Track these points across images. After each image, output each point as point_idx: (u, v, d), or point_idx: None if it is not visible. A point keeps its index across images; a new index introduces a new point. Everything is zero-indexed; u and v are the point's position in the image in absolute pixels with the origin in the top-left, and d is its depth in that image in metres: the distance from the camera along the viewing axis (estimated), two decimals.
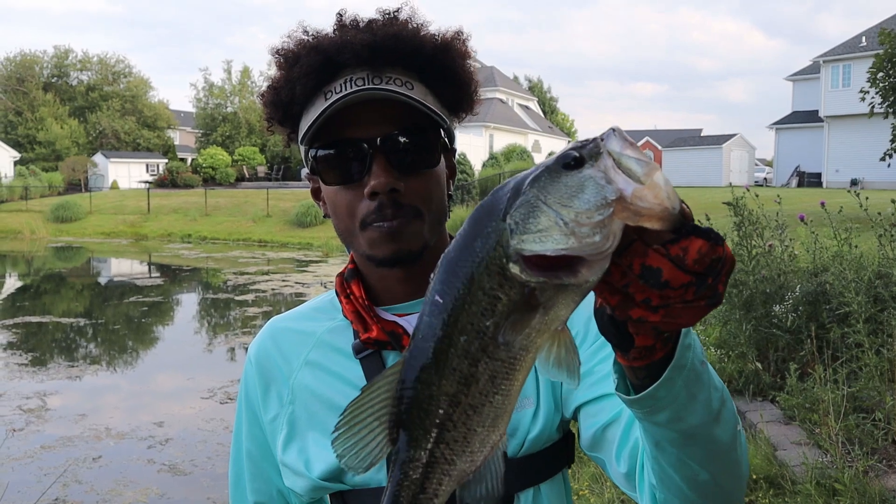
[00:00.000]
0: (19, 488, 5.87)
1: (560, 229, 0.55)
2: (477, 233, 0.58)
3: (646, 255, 0.57)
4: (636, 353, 0.67)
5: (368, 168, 1.01)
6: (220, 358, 11.33)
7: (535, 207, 0.56)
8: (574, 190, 0.55)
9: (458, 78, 1.08)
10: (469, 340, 0.58)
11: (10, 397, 8.61)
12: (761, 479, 4.28)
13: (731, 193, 6.26)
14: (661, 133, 65.16)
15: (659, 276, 0.57)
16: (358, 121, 1.01)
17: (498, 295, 0.57)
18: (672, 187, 0.55)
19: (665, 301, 0.58)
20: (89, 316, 15.20)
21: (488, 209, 0.59)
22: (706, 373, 0.75)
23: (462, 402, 0.59)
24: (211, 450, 6.90)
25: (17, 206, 40.23)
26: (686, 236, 0.57)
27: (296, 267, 22.39)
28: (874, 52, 19.61)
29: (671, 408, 0.72)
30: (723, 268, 0.59)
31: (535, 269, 0.56)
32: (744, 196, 6.31)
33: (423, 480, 0.62)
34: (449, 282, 0.58)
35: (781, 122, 42.64)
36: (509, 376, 0.59)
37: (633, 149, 0.56)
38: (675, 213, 0.55)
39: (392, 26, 1.04)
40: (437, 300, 0.59)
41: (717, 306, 0.60)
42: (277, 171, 53.50)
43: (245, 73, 57.93)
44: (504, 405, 0.60)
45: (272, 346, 1.17)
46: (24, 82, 55.41)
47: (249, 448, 1.17)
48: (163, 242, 32.05)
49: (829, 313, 5.33)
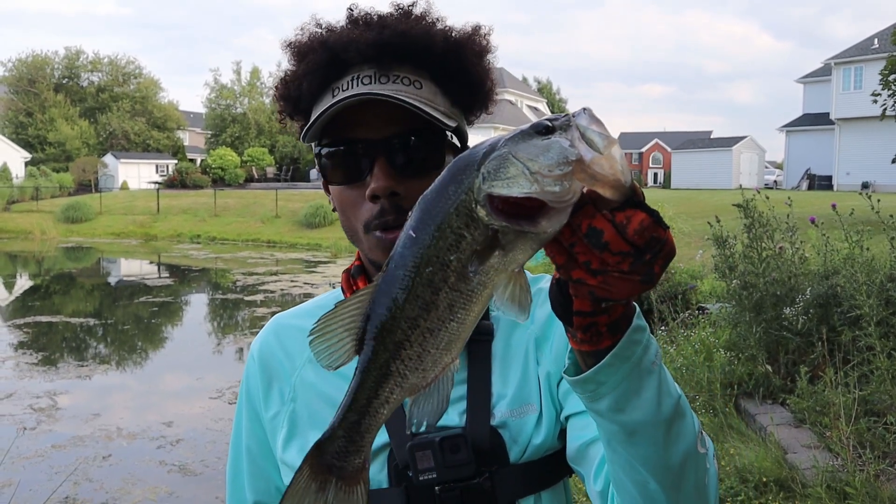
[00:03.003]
0: (30, 486, 5.90)
1: (526, 177, 0.62)
2: (452, 179, 0.66)
3: (594, 217, 0.64)
4: (582, 335, 0.73)
5: (370, 170, 1.00)
6: (228, 358, 11.37)
7: (506, 160, 0.64)
8: (541, 149, 0.63)
9: (471, 76, 1.06)
10: (433, 271, 0.65)
11: (21, 396, 8.66)
12: (771, 482, 4.26)
13: (741, 196, 6.24)
14: (670, 135, 64.96)
15: (601, 237, 0.64)
16: (363, 121, 1.01)
17: (463, 234, 0.64)
18: (626, 163, 0.63)
19: (603, 266, 0.65)
20: (99, 316, 15.27)
21: (465, 161, 0.66)
22: (658, 376, 0.78)
23: (421, 326, 0.67)
24: (220, 450, 6.92)
25: (28, 207, 40.46)
26: (632, 208, 0.64)
27: (304, 267, 22.43)
28: (886, 54, 19.52)
29: (612, 395, 0.76)
30: (661, 249, 0.65)
31: (499, 214, 0.63)
32: (754, 198, 6.29)
33: (377, 387, 0.70)
34: (422, 219, 0.66)
35: (792, 125, 42.47)
36: (466, 306, 0.66)
37: (598, 125, 0.64)
38: (626, 184, 0.63)
39: (403, 23, 1.02)
40: (411, 234, 0.66)
41: (650, 286, 0.66)
42: (286, 172, 53.66)
43: (255, 73, 58.16)
44: (458, 332, 0.67)
45: (275, 343, 1.17)
46: (35, 83, 55.71)
47: (249, 445, 1.17)
48: (172, 243, 32.17)
49: (840, 316, 5.30)
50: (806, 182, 39.63)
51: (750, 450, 4.66)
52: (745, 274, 5.95)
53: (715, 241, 6.35)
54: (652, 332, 0.78)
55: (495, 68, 1.12)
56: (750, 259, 6.00)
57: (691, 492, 0.83)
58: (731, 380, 5.76)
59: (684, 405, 0.82)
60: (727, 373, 5.80)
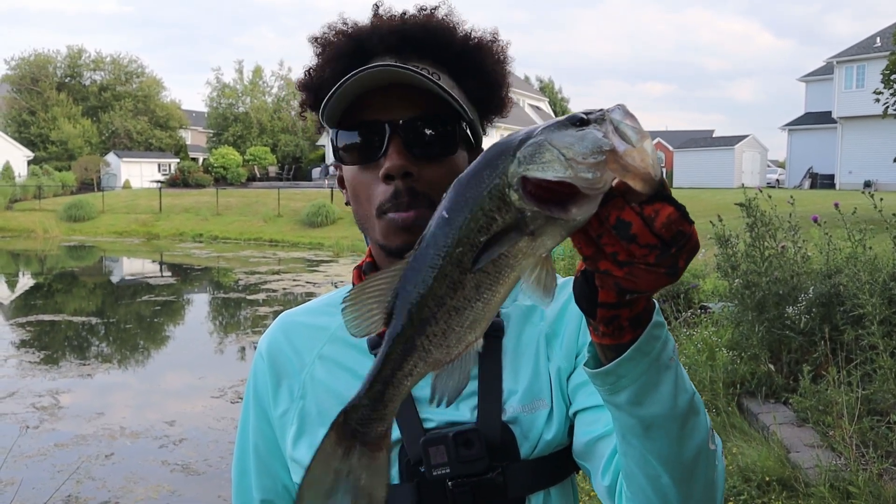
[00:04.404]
0: (33, 485, 5.91)
1: (561, 163, 0.64)
2: (487, 164, 0.67)
3: (623, 209, 0.66)
4: (605, 328, 0.74)
5: (385, 150, 1.01)
6: (230, 357, 11.38)
7: (542, 146, 0.66)
8: (577, 139, 0.65)
9: (489, 77, 1.08)
10: (463, 252, 0.67)
11: (24, 395, 8.67)
12: (774, 481, 4.26)
13: (743, 194, 6.23)
14: (672, 134, 64.91)
15: (629, 230, 0.65)
16: (381, 104, 1.02)
17: (495, 217, 0.66)
18: (658, 157, 0.65)
19: (630, 258, 0.66)
20: (101, 315, 15.29)
21: (502, 147, 0.68)
22: (675, 371, 0.80)
23: (447, 304, 0.69)
24: (222, 449, 6.93)
25: (31, 205, 40.51)
26: (661, 201, 0.65)
27: (306, 267, 22.44)
28: (888, 53, 19.47)
29: (631, 388, 0.77)
30: (686, 244, 0.66)
31: (531, 199, 0.65)
32: (756, 197, 6.28)
33: (402, 360, 0.72)
34: (456, 201, 0.68)
35: (794, 123, 42.41)
36: (492, 287, 0.68)
37: (632, 119, 0.66)
38: (656, 178, 0.64)
39: (425, 18, 1.06)
40: (444, 215, 0.68)
41: (675, 279, 0.68)
42: (288, 172, 53.67)
43: (257, 72, 58.09)
44: (483, 312, 0.69)
45: (284, 340, 1.17)
46: (37, 82, 55.75)
47: (257, 443, 1.16)
48: (174, 242, 32.18)
49: (843, 315, 5.29)
50: (808, 181, 39.58)
51: (753, 449, 4.66)
52: (748, 273, 5.94)
53: (717, 240, 6.35)
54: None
55: (511, 75, 1.14)
56: (752, 258, 5.99)
57: (701, 487, 0.85)
58: (733, 379, 5.76)
59: (698, 402, 0.84)
60: (730, 372, 5.79)
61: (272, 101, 57.87)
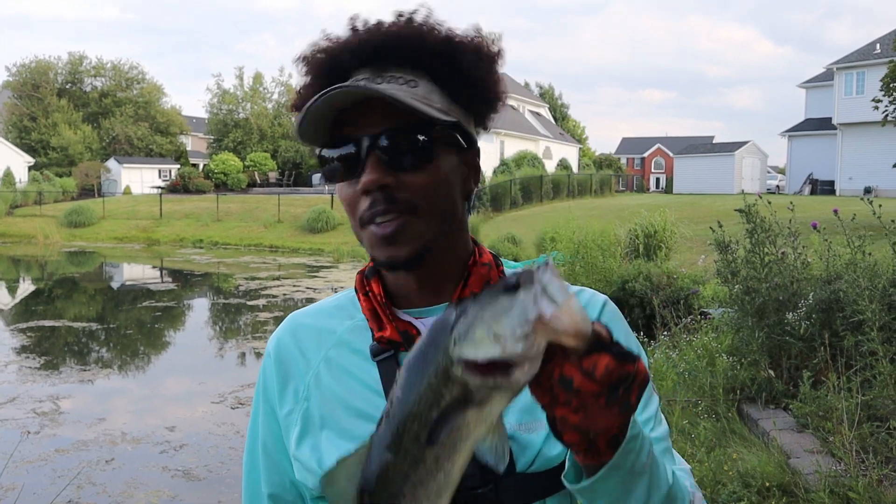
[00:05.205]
0: (34, 490, 5.91)
1: (490, 340, 0.67)
2: (431, 342, 0.71)
3: (563, 364, 0.70)
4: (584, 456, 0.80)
5: (363, 165, 1.01)
6: (230, 363, 11.37)
7: (472, 324, 0.68)
8: (505, 310, 0.68)
9: (472, 75, 1.06)
10: (419, 428, 0.70)
11: (24, 400, 8.67)
12: (774, 486, 4.26)
13: (743, 201, 6.24)
14: (672, 140, 64.98)
15: (572, 384, 0.70)
16: (360, 121, 1.02)
17: (442, 392, 0.69)
18: (585, 313, 0.68)
19: (582, 404, 0.71)
20: (101, 320, 15.30)
21: (442, 324, 0.71)
22: (650, 473, 0.85)
23: (411, 478, 0.71)
24: (223, 454, 6.93)
25: (31, 211, 40.53)
26: (598, 352, 0.69)
27: (307, 272, 22.43)
28: (888, 60, 19.51)
29: (606, 499, 0.84)
30: (633, 382, 0.71)
31: (473, 372, 0.67)
32: (756, 203, 6.29)
33: None
34: (407, 379, 0.72)
35: (794, 130, 42.44)
36: (450, 458, 0.71)
37: (558, 280, 0.69)
38: (586, 333, 0.68)
39: (400, 28, 1.04)
40: (399, 394, 0.72)
41: (631, 413, 0.74)
42: (288, 177, 53.69)
43: (257, 79, 58.18)
44: (446, 482, 0.72)
45: (291, 341, 1.18)
46: (38, 88, 55.83)
47: (265, 440, 1.18)
48: (175, 247, 32.19)
49: (843, 321, 5.30)
50: (808, 187, 39.60)
51: (753, 455, 4.66)
52: (748, 279, 5.95)
53: (717, 246, 6.35)
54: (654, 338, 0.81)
55: (502, 73, 1.13)
56: (752, 264, 6.00)
57: None
58: (733, 385, 5.76)
59: (675, 492, 0.90)
60: (729, 378, 5.80)
61: (272, 108, 57.93)
